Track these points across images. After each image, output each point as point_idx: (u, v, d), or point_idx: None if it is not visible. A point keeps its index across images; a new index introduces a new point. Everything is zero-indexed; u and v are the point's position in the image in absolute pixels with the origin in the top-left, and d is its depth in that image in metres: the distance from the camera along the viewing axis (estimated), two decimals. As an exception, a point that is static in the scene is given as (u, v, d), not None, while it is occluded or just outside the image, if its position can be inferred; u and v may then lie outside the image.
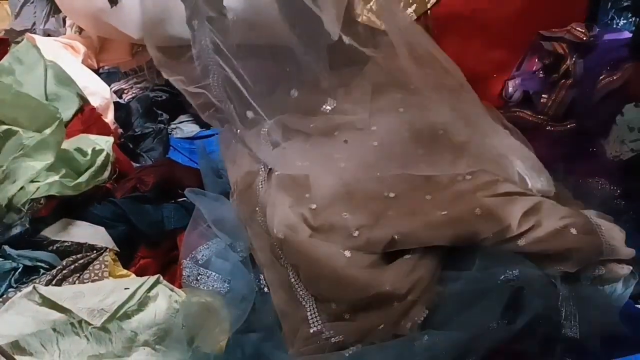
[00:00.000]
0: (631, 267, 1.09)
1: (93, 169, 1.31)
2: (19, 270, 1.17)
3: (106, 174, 1.35)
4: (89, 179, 1.30)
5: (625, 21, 1.74)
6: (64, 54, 1.84)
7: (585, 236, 1.09)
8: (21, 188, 1.21)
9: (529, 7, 1.71)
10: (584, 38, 1.60)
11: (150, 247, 1.30)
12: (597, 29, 1.65)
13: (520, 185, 1.22)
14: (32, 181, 1.22)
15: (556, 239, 1.08)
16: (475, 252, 1.13)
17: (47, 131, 1.26)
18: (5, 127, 1.25)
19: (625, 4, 1.73)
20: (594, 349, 0.98)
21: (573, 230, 1.09)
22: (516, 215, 1.12)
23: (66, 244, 1.23)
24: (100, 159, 1.34)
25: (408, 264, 1.18)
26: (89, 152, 1.34)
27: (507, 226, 1.12)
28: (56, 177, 1.25)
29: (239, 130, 1.44)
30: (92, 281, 1.16)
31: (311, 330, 1.14)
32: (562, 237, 1.08)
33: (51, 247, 1.23)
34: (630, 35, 1.57)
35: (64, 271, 1.16)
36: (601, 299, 1.05)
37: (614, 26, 1.74)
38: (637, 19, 1.63)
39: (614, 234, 1.13)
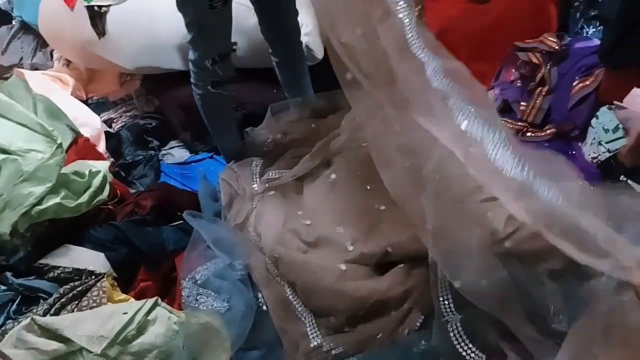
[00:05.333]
0: (614, 262, 1.12)
1: (92, 189, 1.34)
2: (17, 301, 1.18)
3: (105, 193, 1.38)
4: (89, 200, 1.33)
5: (594, 29, 1.82)
6: (53, 87, 1.87)
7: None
8: (23, 214, 1.23)
9: (504, 20, 1.79)
10: (557, 47, 1.67)
11: (150, 269, 1.33)
12: (569, 38, 1.73)
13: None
14: (33, 205, 1.24)
15: (540, 238, 1.12)
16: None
17: (47, 155, 1.29)
18: (3, 156, 1.27)
19: (593, 13, 1.82)
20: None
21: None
22: (501, 218, 1.16)
23: (67, 269, 1.25)
24: (98, 180, 1.37)
25: (402, 272, 1.21)
26: (86, 173, 1.37)
27: (494, 230, 1.15)
28: (57, 200, 1.27)
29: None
30: (91, 308, 1.17)
31: (311, 345, 1.17)
32: (547, 236, 1.12)
33: (52, 274, 1.25)
34: (599, 42, 1.64)
35: (62, 299, 1.17)
36: (587, 294, 1.08)
37: (584, 35, 1.82)
38: (605, 28, 1.71)
39: (596, 231, 1.16)
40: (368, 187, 1.35)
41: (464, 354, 1.03)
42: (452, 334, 1.06)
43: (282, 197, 1.43)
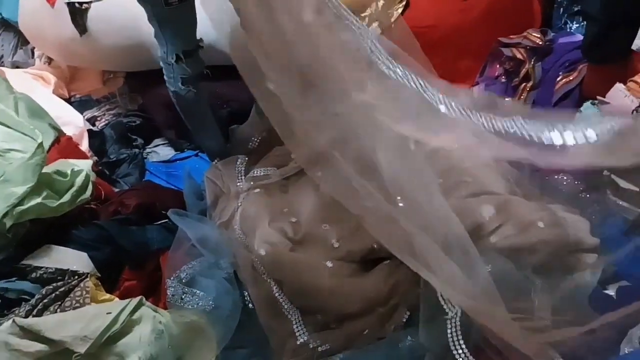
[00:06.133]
0: (596, 255, 1.14)
1: (74, 188, 1.32)
2: (-1, 303, 1.17)
3: (88, 193, 1.35)
4: (72, 199, 1.30)
5: (577, 25, 1.83)
6: (35, 85, 1.84)
7: (552, 229, 1.14)
8: (4, 214, 1.20)
9: (488, 16, 1.80)
10: (540, 42, 1.69)
11: (134, 268, 1.31)
12: (552, 34, 1.74)
13: (487, 184, 1.27)
14: (14, 206, 1.21)
15: (525, 233, 1.13)
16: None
17: (27, 155, 1.26)
18: (-18, 157, 1.25)
19: (577, 9, 1.83)
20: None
21: (540, 224, 1.14)
22: (486, 214, 1.17)
23: (50, 270, 1.22)
24: (80, 179, 1.34)
25: (388, 268, 1.21)
26: (69, 172, 1.34)
27: (479, 225, 1.16)
28: (39, 199, 1.24)
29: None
30: (74, 308, 1.15)
31: (298, 342, 1.17)
32: (531, 231, 1.13)
33: (34, 274, 1.22)
34: (583, 37, 1.65)
35: (45, 300, 1.15)
36: (571, 287, 1.10)
37: (568, 30, 1.83)
38: (587, 23, 1.72)
39: (579, 225, 1.18)
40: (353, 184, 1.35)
41: (456, 356, 1.03)
42: (449, 333, 1.04)
43: (268, 194, 1.43)
